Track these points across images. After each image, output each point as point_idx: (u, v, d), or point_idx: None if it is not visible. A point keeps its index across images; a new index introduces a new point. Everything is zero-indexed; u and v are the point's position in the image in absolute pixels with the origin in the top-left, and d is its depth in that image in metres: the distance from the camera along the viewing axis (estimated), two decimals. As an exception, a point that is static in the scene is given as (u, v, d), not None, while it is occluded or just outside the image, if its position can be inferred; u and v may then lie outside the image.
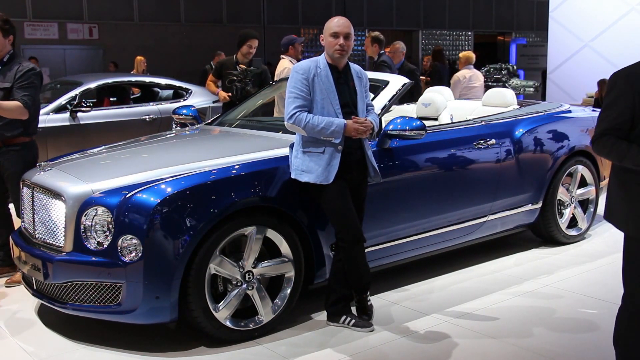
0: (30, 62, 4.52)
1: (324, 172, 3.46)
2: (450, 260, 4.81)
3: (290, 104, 3.47)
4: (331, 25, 3.56)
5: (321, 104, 3.48)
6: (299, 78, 3.48)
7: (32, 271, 3.56)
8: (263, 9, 16.96)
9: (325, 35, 3.57)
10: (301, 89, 3.47)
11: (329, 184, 3.46)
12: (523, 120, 4.98)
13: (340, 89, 3.54)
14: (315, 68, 3.51)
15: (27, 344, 3.54)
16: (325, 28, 3.58)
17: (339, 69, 3.57)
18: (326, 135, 3.44)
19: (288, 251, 3.62)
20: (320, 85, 3.48)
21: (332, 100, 3.48)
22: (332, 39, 3.52)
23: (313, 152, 3.49)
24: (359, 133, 3.46)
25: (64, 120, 7.27)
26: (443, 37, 21.39)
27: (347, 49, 3.52)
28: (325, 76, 3.50)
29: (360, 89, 3.63)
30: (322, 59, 3.57)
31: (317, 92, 3.48)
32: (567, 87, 13.36)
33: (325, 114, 3.46)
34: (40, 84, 4.48)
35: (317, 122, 3.42)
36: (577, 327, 3.70)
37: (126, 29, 15.19)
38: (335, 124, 3.42)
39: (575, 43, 13.36)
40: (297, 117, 3.44)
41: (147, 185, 3.37)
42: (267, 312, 3.57)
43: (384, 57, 7.18)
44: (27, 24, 14.07)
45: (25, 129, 4.42)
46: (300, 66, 3.54)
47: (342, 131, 3.43)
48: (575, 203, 5.30)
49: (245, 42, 6.32)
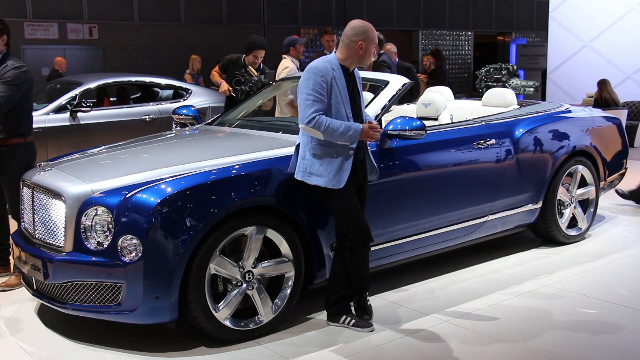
0: (19, 60, 4.41)
1: (336, 177, 3.43)
2: (450, 260, 4.81)
3: (309, 107, 3.38)
4: (375, 36, 3.53)
5: (335, 108, 3.43)
6: (318, 80, 3.40)
7: (32, 271, 3.56)
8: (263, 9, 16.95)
9: (367, 43, 3.48)
10: (320, 92, 3.39)
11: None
12: (523, 120, 4.98)
13: (351, 92, 3.52)
14: (332, 70, 3.45)
15: (27, 344, 3.54)
16: (370, 38, 3.49)
17: (350, 71, 3.54)
18: (343, 140, 3.41)
19: (288, 251, 3.62)
20: (336, 88, 3.43)
21: (344, 103, 3.45)
22: (374, 47, 3.53)
23: (325, 155, 3.45)
24: (372, 138, 3.47)
25: (64, 120, 7.27)
26: (443, 37, 21.37)
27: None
28: (340, 79, 3.46)
29: (361, 90, 3.64)
30: (334, 60, 3.50)
31: (332, 95, 3.43)
32: (567, 87, 13.37)
33: (339, 118, 3.43)
34: (26, 82, 4.34)
35: (337, 126, 3.37)
36: (577, 327, 3.70)
37: (126, 29, 15.18)
38: (352, 128, 3.40)
39: (575, 43, 13.37)
40: (317, 121, 3.36)
41: (147, 185, 3.37)
42: (267, 312, 3.58)
43: (384, 57, 7.19)
44: (27, 24, 14.06)
45: (15, 131, 4.36)
46: (318, 68, 3.44)
47: (359, 136, 3.42)
48: (575, 203, 5.31)
49: (252, 51, 6.31)
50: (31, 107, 4.54)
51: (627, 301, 4.08)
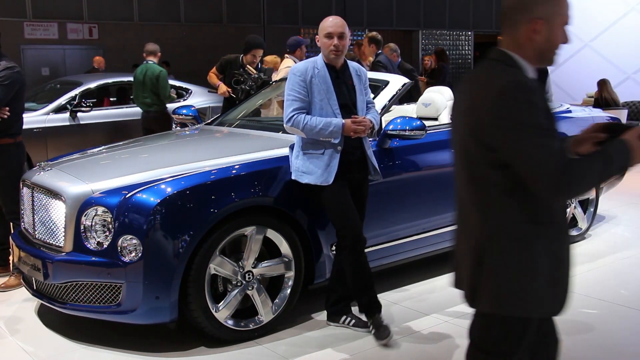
0: (12, 61, 4.39)
1: (324, 174, 3.44)
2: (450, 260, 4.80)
3: (289, 106, 3.46)
4: (325, 26, 3.54)
5: (319, 105, 3.46)
6: (296, 80, 3.47)
7: (32, 271, 3.56)
8: (263, 9, 16.95)
9: (320, 36, 3.55)
10: (299, 91, 3.46)
11: (329, 184, 3.45)
12: (523, 120, 4.97)
13: (339, 89, 3.52)
14: (313, 69, 3.50)
15: (27, 344, 3.54)
16: (320, 29, 3.56)
17: (336, 69, 3.55)
18: (325, 136, 3.42)
19: (288, 251, 3.62)
20: (317, 86, 3.47)
21: (330, 100, 3.47)
22: (327, 39, 3.50)
23: (313, 153, 3.48)
24: (357, 132, 3.45)
25: (64, 120, 7.28)
26: (443, 37, 21.37)
27: (342, 48, 3.50)
28: (323, 77, 3.48)
29: (359, 87, 3.61)
30: (319, 60, 3.55)
31: (315, 93, 3.47)
32: (567, 87, 13.36)
33: (323, 115, 3.45)
34: (17, 83, 4.32)
35: (315, 123, 3.41)
36: (577, 327, 3.70)
37: (126, 29, 15.17)
38: (333, 124, 3.41)
39: (575, 43, 13.34)
40: (295, 119, 3.43)
41: (147, 185, 3.37)
42: (267, 312, 3.57)
43: (381, 57, 7.18)
44: (26, 24, 14.06)
45: (6, 131, 4.35)
46: (297, 68, 3.53)
47: (341, 131, 3.41)
48: (575, 203, 5.30)
49: (250, 50, 6.29)
50: (22, 108, 4.53)
51: (627, 301, 4.08)
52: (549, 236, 1.93)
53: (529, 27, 1.90)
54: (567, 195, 1.85)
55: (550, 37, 1.92)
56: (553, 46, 1.94)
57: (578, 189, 1.84)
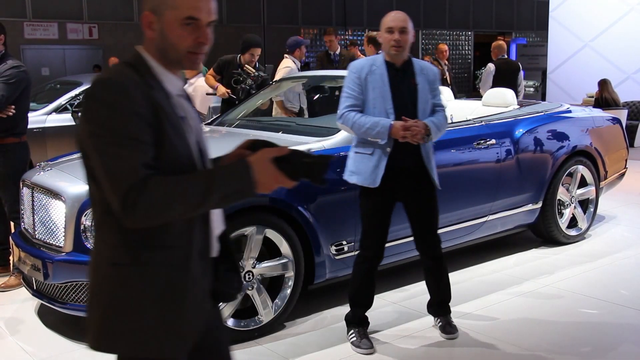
0: (18, 60, 4.40)
1: (372, 175, 3.33)
2: (450, 260, 4.79)
3: (342, 103, 3.38)
4: (386, 21, 3.43)
5: (372, 103, 3.34)
6: (352, 77, 3.38)
7: (32, 271, 3.56)
8: (263, 9, 16.96)
9: (381, 31, 3.43)
10: (353, 87, 3.37)
11: (375, 187, 3.32)
12: (523, 120, 4.98)
13: (396, 88, 3.36)
14: (370, 66, 3.38)
15: (27, 344, 3.54)
16: (381, 24, 3.44)
17: (396, 66, 3.41)
18: (372, 136, 3.30)
19: (288, 251, 3.62)
20: (372, 84, 3.34)
21: (384, 99, 3.32)
22: (388, 34, 3.37)
23: (362, 153, 3.38)
24: (405, 138, 3.24)
25: (64, 120, 7.28)
26: (443, 37, 21.38)
27: (404, 44, 3.36)
28: (380, 74, 3.35)
29: (423, 86, 3.40)
30: (380, 57, 3.44)
31: (369, 91, 3.35)
32: (567, 87, 13.37)
33: (376, 114, 3.32)
34: (23, 82, 4.34)
35: (364, 122, 3.29)
36: (577, 327, 3.70)
37: (126, 29, 15.19)
38: (380, 124, 3.26)
39: (575, 43, 13.37)
40: (345, 117, 3.34)
41: (147, 185, 3.36)
42: (267, 312, 3.57)
43: None
44: (26, 24, 14.07)
45: (11, 130, 4.36)
46: (354, 64, 3.44)
47: (387, 132, 3.26)
48: (575, 203, 5.30)
49: (248, 49, 6.22)
50: (27, 107, 4.54)
51: (627, 301, 4.08)
52: (163, 263, 1.64)
53: (143, 21, 1.67)
54: (140, 219, 1.53)
55: (166, 35, 1.63)
56: (173, 46, 1.64)
57: (156, 213, 1.53)
